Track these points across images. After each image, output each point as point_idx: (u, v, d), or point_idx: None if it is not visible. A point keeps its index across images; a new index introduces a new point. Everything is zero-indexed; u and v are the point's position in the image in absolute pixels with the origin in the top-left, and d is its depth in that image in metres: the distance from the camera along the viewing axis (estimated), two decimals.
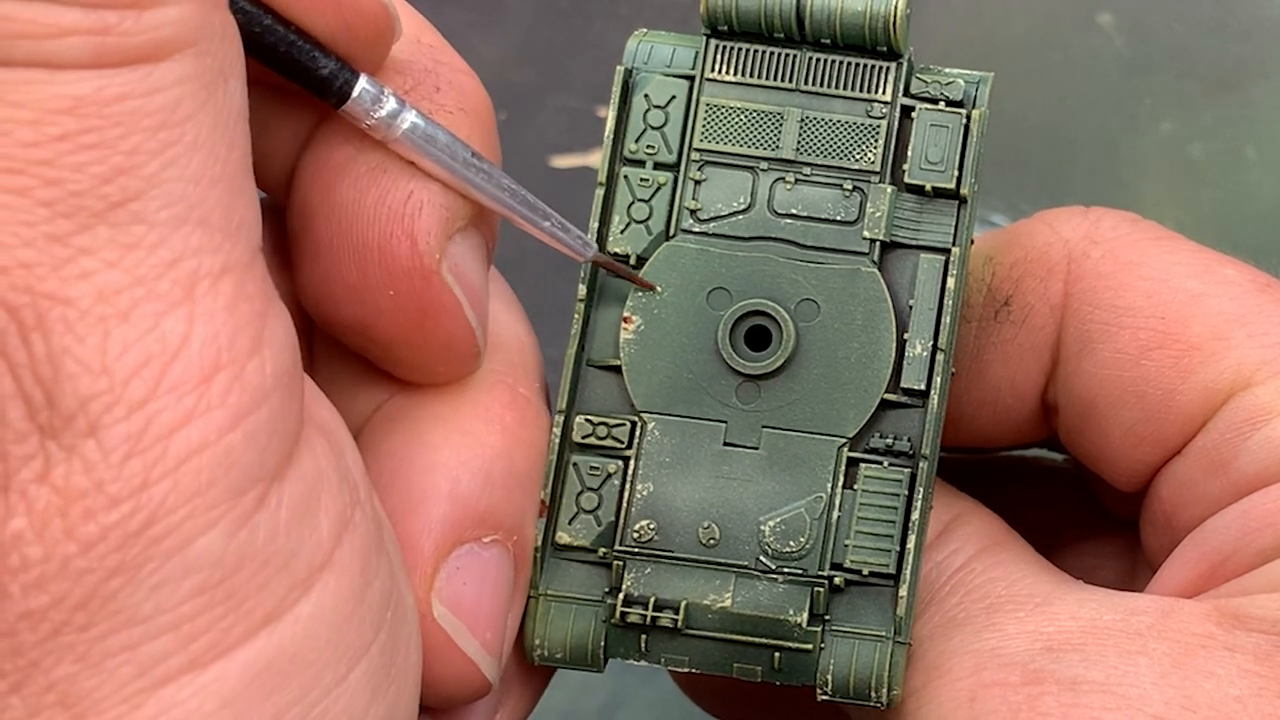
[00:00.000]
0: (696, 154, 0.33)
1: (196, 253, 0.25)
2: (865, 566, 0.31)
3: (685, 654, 0.32)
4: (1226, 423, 0.32)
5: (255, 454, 0.25)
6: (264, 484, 0.26)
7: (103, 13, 0.24)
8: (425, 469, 0.31)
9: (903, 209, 0.32)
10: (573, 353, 0.33)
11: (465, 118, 0.31)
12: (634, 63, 0.33)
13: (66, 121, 0.24)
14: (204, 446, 0.25)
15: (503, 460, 0.31)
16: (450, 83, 0.31)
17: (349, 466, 0.28)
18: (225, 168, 0.25)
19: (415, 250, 0.30)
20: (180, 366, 0.25)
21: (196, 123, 0.25)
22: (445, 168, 0.30)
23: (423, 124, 0.30)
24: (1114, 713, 0.29)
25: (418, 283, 0.30)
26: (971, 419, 0.35)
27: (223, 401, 0.25)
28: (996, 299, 0.34)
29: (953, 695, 0.31)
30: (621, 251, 0.33)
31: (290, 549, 0.26)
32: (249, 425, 0.25)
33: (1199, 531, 0.33)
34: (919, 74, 0.33)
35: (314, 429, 0.27)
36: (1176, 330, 0.33)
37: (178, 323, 0.25)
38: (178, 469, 0.25)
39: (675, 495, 0.32)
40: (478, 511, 0.31)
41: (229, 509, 0.25)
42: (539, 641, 0.32)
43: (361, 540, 0.27)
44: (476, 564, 0.31)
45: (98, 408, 0.24)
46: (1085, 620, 0.31)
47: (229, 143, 0.26)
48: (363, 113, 0.30)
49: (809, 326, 0.32)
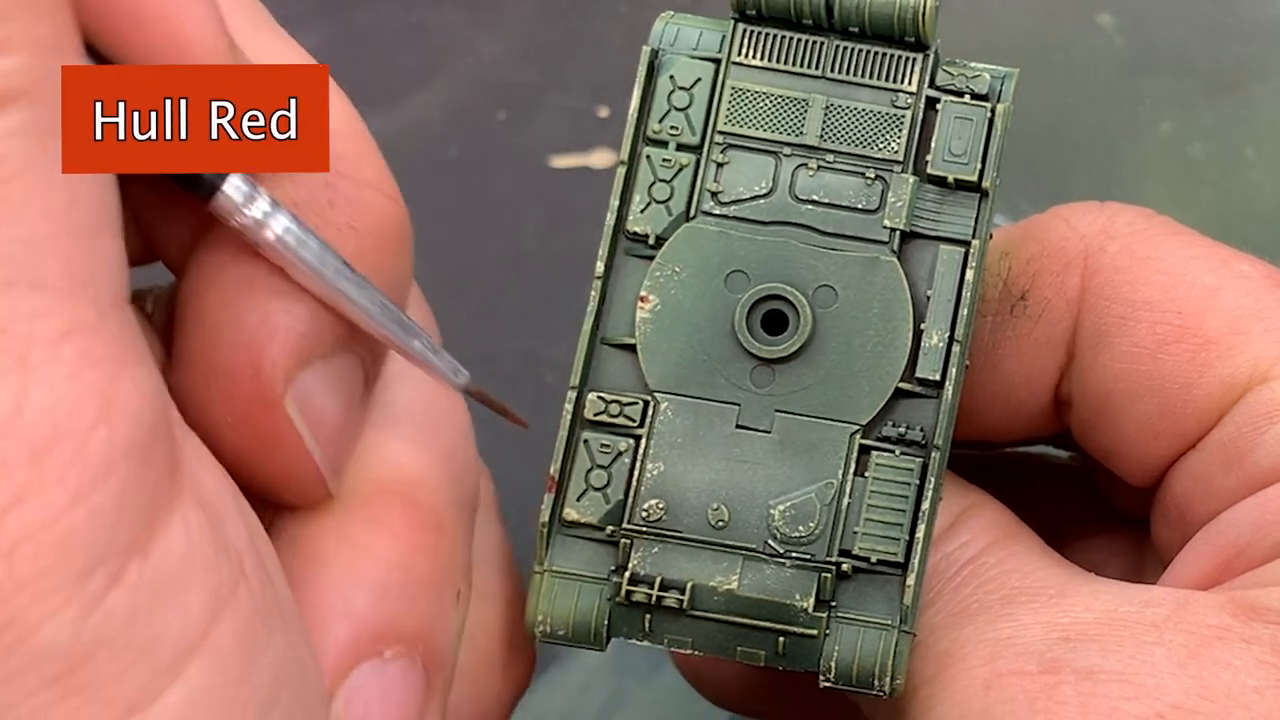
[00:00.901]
0: (720, 136, 0.33)
1: (29, 317, 0.23)
2: (874, 554, 0.32)
3: (689, 635, 0.32)
4: (1243, 416, 0.32)
5: (102, 532, 0.24)
6: (116, 561, 0.24)
7: None
8: (319, 588, 0.29)
9: (924, 199, 0.32)
10: (587, 329, 0.33)
11: (355, 235, 0.29)
12: (660, 44, 0.33)
13: None
14: (41, 528, 0.23)
15: (398, 570, 0.30)
16: (348, 198, 0.29)
17: (229, 537, 0.26)
18: (66, 224, 0.24)
19: (257, 379, 0.28)
20: (10, 442, 0.23)
21: (28, 178, 0.23)
22: (313, 277, 0.29)
23: (295, 229, 0.28)
24: (1131, 702, 0.29)
25: (257, 413, 0.29)
26: (983, 413, 0.35)
27: (60, 478, 0.23)
28: (1012, 293, 0.35)
29: (967, 683, 0.31)
30: (641, 231, 0.33)
31: (153, 633, 0.24)
32: (93, 503, 0.23)
33: (1214, 524, 0.33)
34: (945, 67, 0.33)
35: (188, 497, 0.25)
36: (1194, 324, 0.33)
37: (7, 394, 0.23)
38: (11, 554, 0.23)
39: (685, 476, 0.32)
40: (375, 627, 0.29)
41: (75, 592, 0.23)
42: (542, 618, 0.32)
43: (243, 618, 0.25)
44: (379, 681, 0.29)
45: None
46: (1101, 612, 0.31)
47: (69, 197, 0.24)
48: (232, 210, 0.28)
49: (826, 313, 0.32)
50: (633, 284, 0.33)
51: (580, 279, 0.47)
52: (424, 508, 0.31)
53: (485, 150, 0.38)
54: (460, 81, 0.56)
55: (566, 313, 0.38)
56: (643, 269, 0.33)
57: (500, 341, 0.31)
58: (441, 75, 0.56)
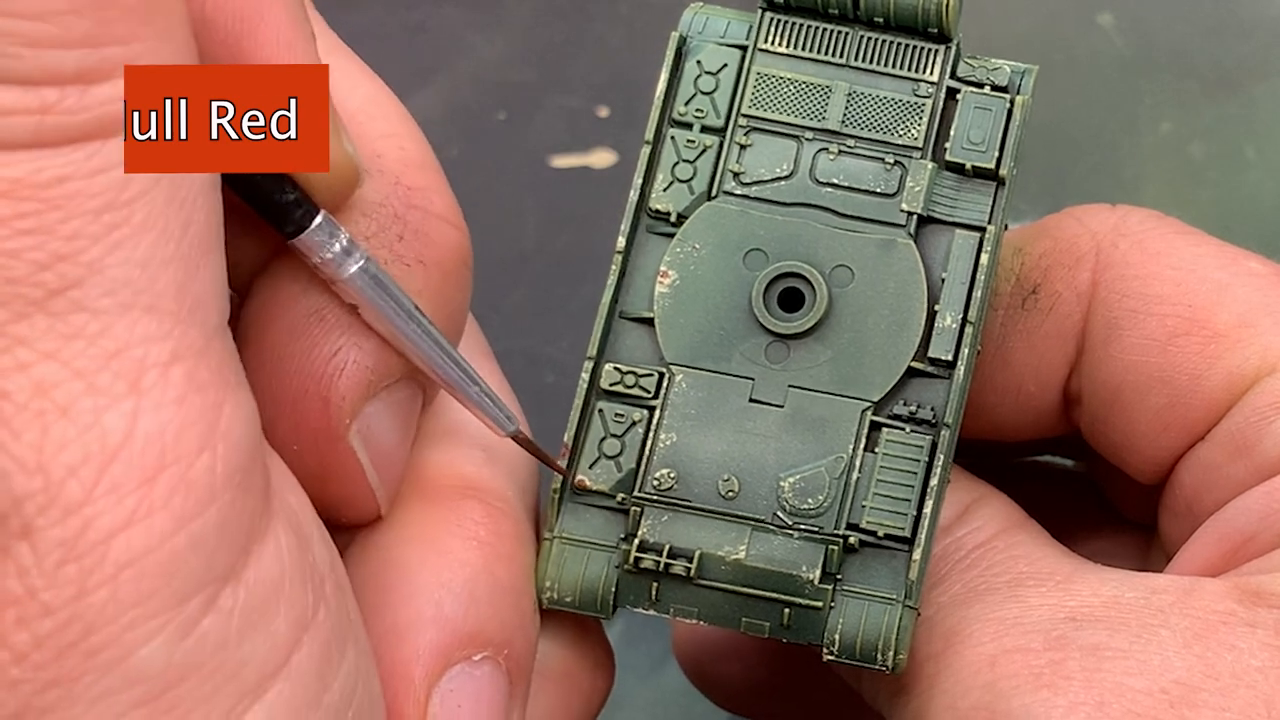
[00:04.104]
0: (744, 120, 0.34)
1: (143, 341, 0.24)
2: (881, 528, 0.32)
3: (695, 605, 0.32)
4: (1252, 407, 0.33)
5: (202, 559, 0.24)
6: (213, 588, 0.24)
7: (43, 91, 0.23)
8: (407, 595, 0.30)
9: (942, 185, 0.33)
10: (606, 302, 0.33)
11: (425, 271, 0.30)
12: (688, 31, 0.34)
13: (1, 206, 0.23)
14: (145, 552, 0.24)
15: (484, 577, 0.31)
16: (417, 232, 0.30)
17: (314, 559, 0.27)
18: (179, 247, 0.24)
19: (326, 412, 0.29)
20: (120, 466, 0.23)
21: (148, 201, 0.24)
22: (384, 319, 0.29)
23: (371, 269, 0.29)
24: (1136, 677, 0.30)
25: (322, 444, 0.29)
26: (994, 407, 0.36)
27: (166, 504, 0.24)
28: (1024, 288, 0.35)
29: (973, 660, 0.31)
30: (663, 208, 0.34)
31: (241, 657, 0.25)
32: (194, 529, 0.24)
33: (1221, 513, 0.33)
34: (966, 59, 0.34)
35: (279, 520, 0.26)
36: (1204, 317, 0.34)
37: (120, 418, 0.23)
38: (116, 576, 0.23)
39: (698, 447, 0.33)
40: (465, 632, 0.30)
41: (172, 617, 0.24)
42: (549, 584, 0.32)
43: (323, 640, 0.26)
44: (469, 685, 0.30)
45: (32, 509, 0.23)
46: (1107, 597, 0.31)
47: (185, 220, 0.24)
48: (313, 248, 0.29)
49: (842, 292, 0.33)
50: (653, 260, 0.34)
51: (580, 279, 0.48)
52: (505, 514, 0.31)
53: (485, 150, 0.38)
54: (460, 81, 0.57)
55: (566, 312, 0.38)
56: (663, 245, 0.34)
57: (500, 341, 0.31)
58: (441, 75, 0.56)
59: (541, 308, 0.36)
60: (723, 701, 0.41)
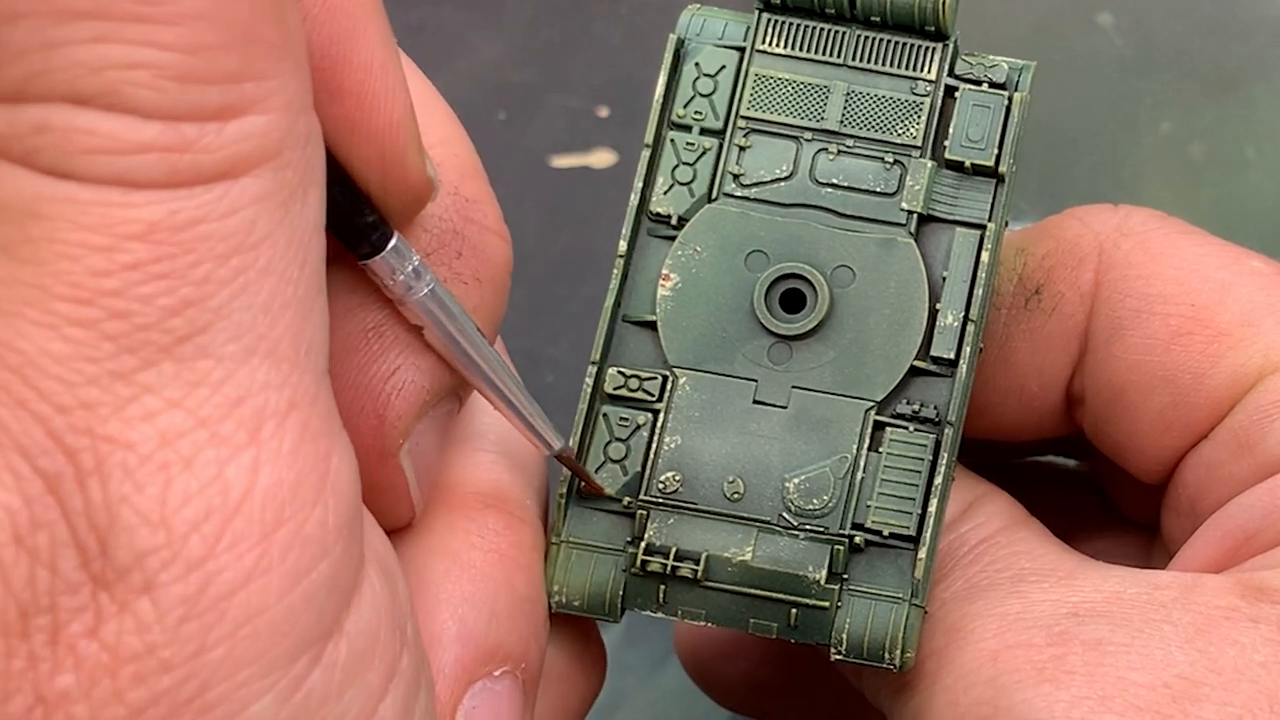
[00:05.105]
0: (743, 121, 0.34)
1: (264, 388, 0.23)
2: (886, 527, 0.32)
3: (702, 607, 0.32)
4: (1255, 405, 0.33)
5: (314, 614, 0.24)
6: (320, 644, 0.24)
7: (182, 127, 0.22)
8: (430, 610, 0.30)
9: (941, 184, 0.33)
10: (609, 306, 0.33)
11: (479, 288, 0.30)
12: (686, 33, 0.34)
13: (138, 249, 0.22)
14: (263, 609, 0.23)
15: (505, 591, 0.30)
16: (475, 248, 0.30)
17: (402, 604, 0.26)
18: (297, 290, 0.24)
19: (380, 430, 0.29)
20: (242, 521, 0.23)
21: (272, 243, 0.23)
22: (447, 342, 0.29)
23: (439, 292, 0.29)
24: (1139, 672, 0.30)
25: (373, 461, 0.29)
26: (996, 407, 0.36)
27: (283, 559, 0.23)
28: (1027, 288, 0.35)
29: (975, 655, 0.31)
30: (664, 211, 0.34)
31: (340, 710, 0.25)
32: (308, 584, 0.24)
33: (1224, 510, 0.33)
34: (964, 57, 0.34)
35: (373, 566, 0.26)
36: (1207, 316, 0.34)
37: (241, 471, 0.23)
38: (234, 634, 0.23)
39: (702, 449, 0.33)
40: (487, 648, 0.30)
41: (284, 674, 0.24)
42: (558, 588, 0.32)
43: (406, 687, 0.26)
44: (490, 700, 0.30)
45: (155, 564, 0.23)
46: (1110, 592, 0.32)
47: (302, 261, 0.24)
48: (387, 270, 0.28)
49: (843, 292, 0.33)
50: (654, 263, 0.34)
51: (580, 279, 0.48)
52: (524, 523, 0.31)
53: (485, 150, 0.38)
54: (460, 81, 0.57)
55: (566, 313, 0.38)
56: (664, 248, 0.34)
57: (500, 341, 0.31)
58: (441, 75, 0.56)
59: (541, 308, 0.36)
60: (724, 700, 0.41)
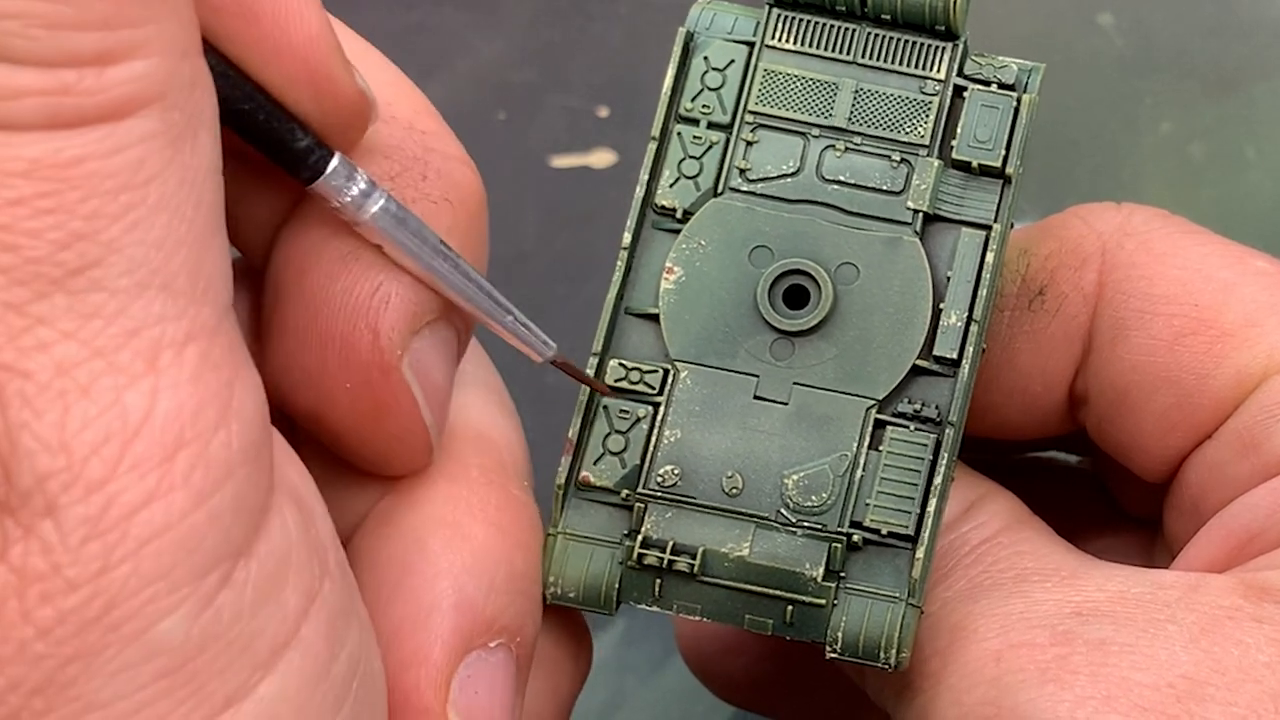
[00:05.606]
0: (750, 116, 0.34)
1: (160, 320, 0.24)
2: (884, 526, 0.32)
3: (698, 602, 0.32)
4: (1259, 405, 0.33)
5: (219, 533, 0.25)
6: (229, 562, 0.25)
7: (61, 72, 0.23)
8: (429, 578, 0.30)
9: (948, 183, 0.33)
10: (612, 298, 0.33)
11: (449, 208, 0.30)
12: (696, 27, 0.34)
13: (22, 185, 0.23)
14: (166, 528, 0.24)
15: (504, 565, 0.31)
16: (440, 171, 0.30)
17: (319, 533, 0.27)
18: (191, 228, 0.24)
19: (377, 345, 0.29)
20: (142, 444, 0.24)
21: (161, 182, 0.24)
22: (411, 256, 0.30)
23: (393, 208, 0.29)
24: (1143, 672, 0.30)
25: (376, 378, 0.30)
26: (999, 408, 0.36)
27: (186, 480, 0.24)
28: (1031, 289, 0.35)
29: (978, 655, 0.31)
30: (669, 205, 0.34)
31: (254, 629, 0.25)
32: (213, 504, 0.24)
33: (1227, 510, 0.33)
34: (974, 57, 0.34)
35: (284, 495, 0.26)
36: (1210, 317, 0.34)
37: (140, 397, 0.24)
38: (138, 552, 0.24)
39: (702, 443, 0.33)
40: (484, 618, 0.30)
41: (191, 591, 0.24)
42: (553, 580, 0.32)
43: (329, 612, 0.26)
44: (485, 670, 0.30)
45: (55, 487, 0.23)
46: (1113, 592, 0.31)
47: (196, 200, 0.25)
48: (333, 192, 0.29)
49: (847, 289, 0.33)
50: (658, 256, 0.33)
51: (581, 278, 0.47)
52: (523, 503, 0.32)
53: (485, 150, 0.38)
54: (460, 81, 0.57)
55: (566, 313, 0.38)
56: (669, 242, 0.33)
57: (500, 340, 0.31)
58: (441, 75, 0.57)
59: (541, 308, 0.36)
60: (725, 694, 0.41)
